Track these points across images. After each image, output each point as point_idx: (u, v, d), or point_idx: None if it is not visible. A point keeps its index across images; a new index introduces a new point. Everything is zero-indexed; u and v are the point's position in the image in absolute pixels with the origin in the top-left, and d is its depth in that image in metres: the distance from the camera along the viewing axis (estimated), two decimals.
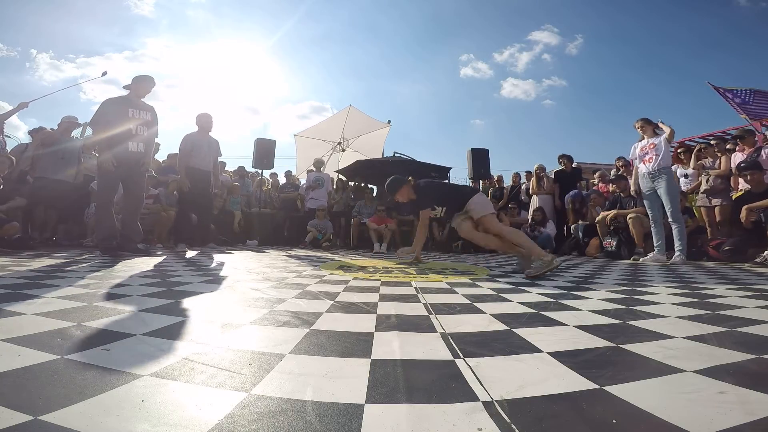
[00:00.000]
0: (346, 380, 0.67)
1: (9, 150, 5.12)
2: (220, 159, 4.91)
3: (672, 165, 4.32)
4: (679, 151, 5.39)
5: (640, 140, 4.10)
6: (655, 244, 3.95)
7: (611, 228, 4.70)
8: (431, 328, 1.04)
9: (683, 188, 4.92)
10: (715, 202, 4.46)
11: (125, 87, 3.59)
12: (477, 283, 2.04)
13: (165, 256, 3.30)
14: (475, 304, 1.41)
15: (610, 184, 5.53)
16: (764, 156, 4.13)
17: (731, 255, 3.69)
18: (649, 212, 4.04)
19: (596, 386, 0.64)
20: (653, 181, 3.92)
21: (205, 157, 4.40)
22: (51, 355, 0.73)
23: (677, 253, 3.74)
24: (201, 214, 4.57)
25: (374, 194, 7.41)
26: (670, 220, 3.85)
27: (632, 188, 4.18)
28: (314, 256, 4.15)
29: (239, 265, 2.75)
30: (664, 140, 3.84)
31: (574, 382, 0.67)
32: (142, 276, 1.97)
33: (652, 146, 3.91)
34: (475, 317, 1.20)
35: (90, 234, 4.48)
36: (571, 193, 5.92)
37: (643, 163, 4.00)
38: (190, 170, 4.32)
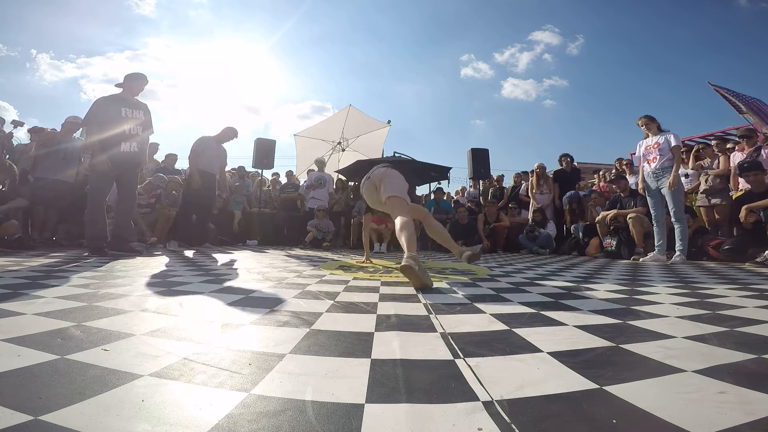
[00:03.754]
0: (346, 380, 0.66)
1: (14, 146, 5.15)
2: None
3: None
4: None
5: (645, 138, 4.09)
6: (656, 244, 3.95)
7: (611, 228, 4.70)
8: (431, 328, 1.04)
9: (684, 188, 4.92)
10: (715, 201, 4.47)
11: (117, 85, 3.51)
12: (477, 282, 2.03)
13: (164, 256, 3.30)
14: (475, 303, 1.41)
15: (611, 184, 5.54)
16: (764, 156, 4.13)
17: (731, 255, 3.69)
18: (652, 211, 4.03)
19: (596, 386, 0.64)
20: (657, 180, 3.91)
21: (212, 161, 4.62)
22: (51, 355, 0.73)
23: (677, 253, 3.74)
24: (201, 214, 4.68)
25: None
26: (673, 219, 3.84)
27: (639, 186, 4.18)
28: (314, 256, 4.15)
29: (239, 265, 2.75)
30: (665, 140, 3.84)
31: (574, 382, 0.67)
32: (142, 276, 1.97)
33: (656, 145, 3.90)
34: (475, 317, 1.19)
35: None
36: (568, 194, 5.93)
37: (648, 163, 3.99)
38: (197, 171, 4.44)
